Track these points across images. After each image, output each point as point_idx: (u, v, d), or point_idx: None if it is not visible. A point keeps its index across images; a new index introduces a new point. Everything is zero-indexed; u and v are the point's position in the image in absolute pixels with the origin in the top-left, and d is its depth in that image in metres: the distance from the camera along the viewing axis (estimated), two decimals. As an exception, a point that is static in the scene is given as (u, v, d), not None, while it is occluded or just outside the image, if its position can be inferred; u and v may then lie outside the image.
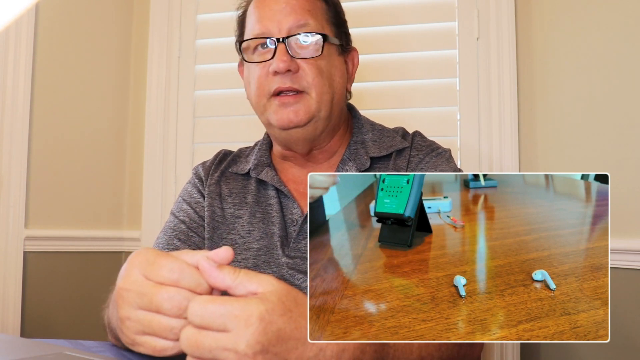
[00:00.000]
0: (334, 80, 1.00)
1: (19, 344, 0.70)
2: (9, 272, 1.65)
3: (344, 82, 1.04)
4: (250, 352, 0.51)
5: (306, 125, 0.97)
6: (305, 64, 0.96)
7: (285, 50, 0.95)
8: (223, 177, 1.08)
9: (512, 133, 1.59)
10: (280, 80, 0.96)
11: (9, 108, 1.66)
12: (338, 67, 1.02)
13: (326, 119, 0.99)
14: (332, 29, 1.02)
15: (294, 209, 1.00)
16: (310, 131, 0.98)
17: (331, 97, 0.99)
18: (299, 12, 0.97)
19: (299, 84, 0.96)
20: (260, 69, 0.98)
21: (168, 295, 0.56)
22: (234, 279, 0.54)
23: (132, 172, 1.90)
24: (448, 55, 1.66)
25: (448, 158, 1.04)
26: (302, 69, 0.96)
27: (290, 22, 0.97)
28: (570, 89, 1.52)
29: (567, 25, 1.53)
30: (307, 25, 0.97)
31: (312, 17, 0.98)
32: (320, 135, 1.01)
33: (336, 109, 1.01)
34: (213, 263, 0.54)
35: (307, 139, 1.00)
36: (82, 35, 1.84)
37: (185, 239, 1.02)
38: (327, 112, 0.98)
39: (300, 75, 0.96)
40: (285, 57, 0.95)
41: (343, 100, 1.04)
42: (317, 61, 0.97)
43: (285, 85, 0.95)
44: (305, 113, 0.96)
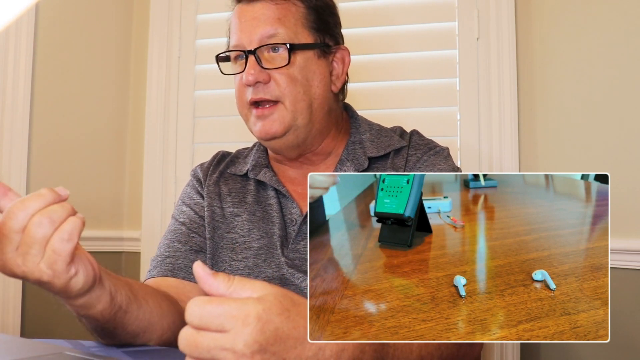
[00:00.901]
0: (311, 86, 0.99)
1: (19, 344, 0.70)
2: (9, 272, 1.64)
3: (325, 86, 1.02)
4: (248, 352, 0.51)
5: (284, 135, 0.98)
6: (277, 73, 0.97)
7: (255, 62, 0.97)
8: (222, 177, 1.08)
9: (512, 133, 1.59)
10: (253, 92, 0.97)
11: (9, 108, 1.66)
12: (317, 71, 1.01)
13: (306, 126, 0.99)
14: (309, 34, 1.01)
15: (293, 208, 1.00)
16: (291, 140, 0.99)
17: (308, 103, 0.98)
18: (269, 21, 0.98)
19: (270, 94, 0.97)
20: (238, 79, 1.00)
21: (6, 214, 0.62)
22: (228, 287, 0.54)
23: (132, 172, 1.90)
24: (448, 55, 1.66)
25: (446, 156, 1.03)
26: (273, 79, 0.97)
27: (259, 33, 0.97)
28: (570, 89, 1.52)
29: (567, 25, 1.53)
30: (275, 35, 0.97)
31: (283, 25, 0.98)
32: (304, 141, 1.01)
33: (318, 114, 1.00)
34: (208, 270, 0.54)
35: (290, 147, 1.00)
36: (82, 35, 1.84)
37: (185, 240, 1.02)
38: (305, 120, 0.98)
39: (271, 85, 0.97)
40: (253, 70, 0.96)
41: (326, 103, 1.02)
42: (289, 70, 0.97)
43: (258, 96, 0.97)
44: (280, 124, 0.97)
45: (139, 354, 0.75)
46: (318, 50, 1.01)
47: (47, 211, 0.63)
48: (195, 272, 0.55)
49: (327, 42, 1.03)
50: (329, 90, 1.03)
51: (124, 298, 0.76)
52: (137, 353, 0.75)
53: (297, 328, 0.54)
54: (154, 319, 0.81)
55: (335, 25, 1.06)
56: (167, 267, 0.99)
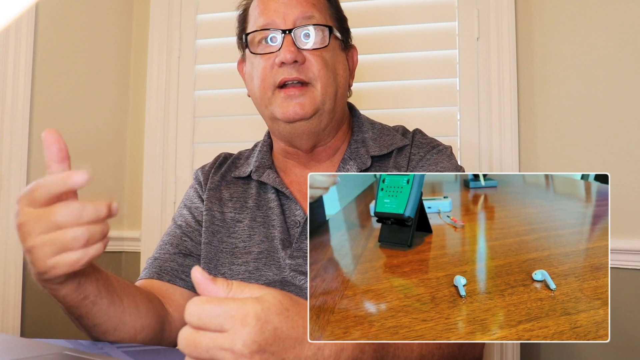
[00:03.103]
0: (338, 73, 1.00)
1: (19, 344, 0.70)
2: (9, 272, 1.65)
3: (347, 77, 1.04)
4: (247, 352, 0.51)
5: (311, 118, 0.97)
6: (311, 55, 0.97)
7: (292, 41, 0.96)
8: (224, 181, 1.08)
9: (512, 133, 1.59)
10: (287, 71, 0.96)
11: (9, 108, 1.66)
12: (341, 61, 1.03)
13: (330, 112, 0.99)
14: (335, 24, 1.03)
15: (297, 210, 1.00)
16: (315, 124, 0.98)
17: (335, 90, 0.99)
18: (304, 4, 0.98)
19: (305, 75, 0.96)
20: (265, 61, 0.98)
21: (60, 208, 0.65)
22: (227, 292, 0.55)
23: (132, 172, 1.90)
24: (448, 55, 1.66)
25: (449, 155, 1.03)
26: (308, 61, 0.97)
27: (296, 14, 0.97)
28: (570, 89, 1.52)
29: (567, 25, 1.53)
30: (312, 17, 0.98)
31: (317, 10, 0.99)
32: (324, 129, 1.00)
33: (340, 103, 1.02)
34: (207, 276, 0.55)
35: (312, 132, 0.99)
36: (82, 35, 1.84)
37: (177, 243, 1.02)
38: (331, 105, 0.99)
39: (306, 66, 0.96)
40: (292, 48, 0.95)
41: (346, 95, 1.05)
42: (323, 53, 0.98)
43: (292, 76, 0.95)
44: (311, 105, 0.96)
45: (139, 354, 0.75)
46: (342, 42, 1.04)
47: (89, 230, 0.66)
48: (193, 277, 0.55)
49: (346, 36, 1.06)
50: (347, 83, 1.05)
51: (93, 289, 0.76)
52: (137, 353, 0.75)
53: (296, 328, 0.54)
54: (125, 318, 0.81)
55: (347, 22, 1.08)
56: (155, 269, 0.99)
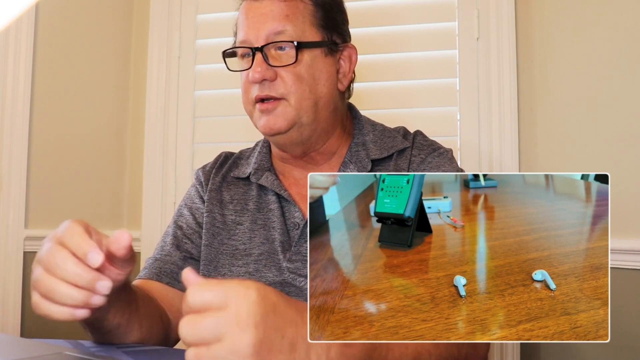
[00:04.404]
0: (317, 84, 0.99)
1: (19, 344, 0.70)
2: (9, 272, 1.65)
3: (332, 84, 1.01)
4: (252, 322, 0.52)
5: (288, 131, 0.97)
6: (284, 71, 0.96)
7: (262, 59, 0.96)
8: (225, 182, 1.08)
9: (512, 133, 1.59)
10: (259, 89, 0.97)
11: (9, 108, 1.66)
12: (323, 69, 1.00)
13: (311, 124, 0.98)
14: (317, 31, 1.00)
15: (296, 212, 1.00)
16: (295, 136, 0.98)
17: (314, 101, 0.98)
18: (277, 18, 0.97)
19: (275, 92, 0.96)
20: (245, 76, 1.00)
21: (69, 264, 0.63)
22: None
23: (132, 172, 1.90)
24: (448, 55, 1.66)
25: (450, 158, 1.03)
26: (279, 77, 0.97)
27: (267, 30, 0.97)
28: (570, 89, 1.52)
29: (567, 25, 1.53)
30: (283, 32, 0.97)
31: (291, 22, 0.97)
32: (309, 139, 1.00)
33: (324, 112, 1.00)
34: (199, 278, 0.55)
35: (294, 143, 1.00)
36: (82, 35, 1.84)
37: (178, 245, 1.03)
38: (310, 117, 0.98)
39: (277, 83, 0.96)
40: (259, 68, 0.96)
41: (332, 102, 1.02)
42: (295, 68, 0.97)
43: (263, 94, 0.97)
44: (284, 120, 0.96)
45: (139, 354, 0.74)
46: (325, 48, 1.01)
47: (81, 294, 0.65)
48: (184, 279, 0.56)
49: (335, 39, 1.02)
50: (335, 89, 1.02)
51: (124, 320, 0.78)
52: (137, 353, 0.75)
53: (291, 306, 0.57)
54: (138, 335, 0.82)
55: (343, 23, 1.06)
56: (154, 270, 0.99)
